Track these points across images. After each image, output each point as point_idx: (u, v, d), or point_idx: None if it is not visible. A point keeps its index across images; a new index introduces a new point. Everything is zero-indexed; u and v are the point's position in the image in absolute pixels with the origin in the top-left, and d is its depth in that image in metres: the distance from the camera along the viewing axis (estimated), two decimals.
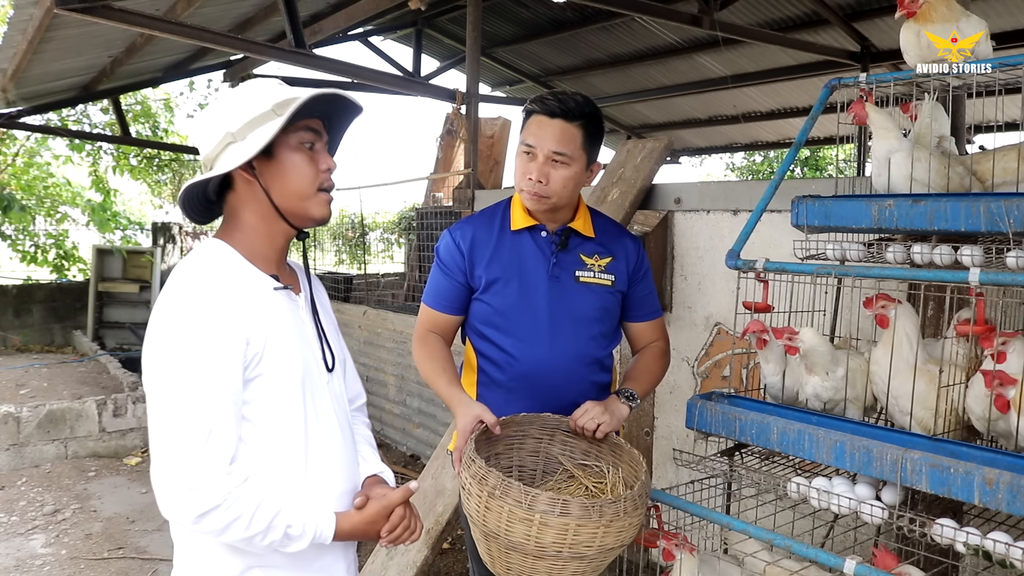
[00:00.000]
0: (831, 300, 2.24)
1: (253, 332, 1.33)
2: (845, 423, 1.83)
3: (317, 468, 1.42)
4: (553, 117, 1.89)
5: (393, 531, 1.46)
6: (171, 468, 1.26)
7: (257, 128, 1.35)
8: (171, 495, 1.27)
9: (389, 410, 5.68)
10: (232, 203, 1.43)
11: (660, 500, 1.90)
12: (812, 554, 1.63)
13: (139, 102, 10.53)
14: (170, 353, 1.29)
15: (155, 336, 1.32)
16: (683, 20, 5.98)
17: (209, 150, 1.39)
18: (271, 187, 1.39)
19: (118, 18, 4.40)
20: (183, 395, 1.27)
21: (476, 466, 1.61)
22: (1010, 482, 1.39)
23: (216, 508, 1.26)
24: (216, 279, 1.35)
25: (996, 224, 1.58)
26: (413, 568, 3.04)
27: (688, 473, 2.02)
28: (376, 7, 5.61)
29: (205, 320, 1.29)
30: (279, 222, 1.42)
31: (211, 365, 1.29)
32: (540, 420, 1.91)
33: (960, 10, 1.87)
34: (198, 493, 1.26)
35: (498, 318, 1.97)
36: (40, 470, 5.04)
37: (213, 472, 1.27)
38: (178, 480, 1.26)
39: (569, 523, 1.51)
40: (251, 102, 1.37)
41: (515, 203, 2.05)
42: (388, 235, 10.86)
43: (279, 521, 1.31)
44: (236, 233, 1.42)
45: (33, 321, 8.96)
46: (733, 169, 14.98)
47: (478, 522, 1.62)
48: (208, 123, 1.39)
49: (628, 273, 2.05)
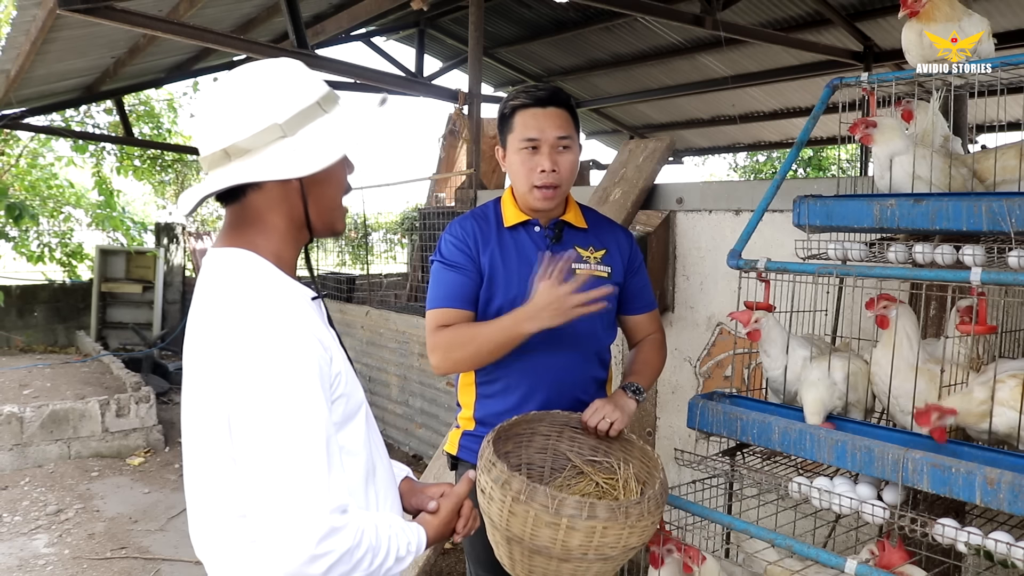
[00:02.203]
0: (833, 300, 2.24)
1: (332, 349, 1.22)
2: (846, 423, 1.83)
3: (381, 483, 1.35)
4: (547, 106, 1.89)
5: (467, 524, 1.43)
6: (296, 519, 1.08)
7: (307, 124, 1.22)
8: (300, 549, 1.08)
9: (391, 410, 5.68)
10: (256, 204, 1.25)
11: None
12: (814, 554, 1.63)
13: (142, 103, 10.55)
14: (273, 384, 1.12)
15: (238, 371, 1.13)
16: (685, 20, 5.98)
17: (247, 138, 1.19)
18: (310, 195, 1.26)
19: (121, 19, 4.41)
20: (296, 431, 1.11)
21: (498, 470, 1.58)
22: (1011, 482, 1.39)
23: (348, 551, 1.11)
24: (282, 294, 1.21)
25: (998, 223, 1.57)
26: (415, 568, 3.05)
27: (690, 473, 2.02)
28: (378, 7, 5.61)
29: (296, 340, 1.15)
30: (303, 231, 1.30)
31: (315, 391, 1.14)
32: (549, 417, 1.90)
33: (962, 9, 1.87)
34: (333, 540, 1.10)
35: (497, 312, 1.95)
36: (43, 470, 5.05)
37: (339, 513, 1.12)
38: (308, 530, 1.08)
39: (596, 526, 1.50)
40: (295, 90, 1.23)
41: (505, 200, 2.04)
42: (391, 235, 10.86)
43: (392, 545, 1.21)
44: (259, 239, 1.26)
45: (36, 321, 8.98)
46: (736, 169, 14.97)
47: (500, 527, 1.59)
48: (243, 106, 1.21)
49: (624, 265, 2.04)
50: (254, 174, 1.19)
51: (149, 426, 5.56)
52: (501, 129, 1.98)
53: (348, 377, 1.26)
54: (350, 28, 7.19)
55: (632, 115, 10.54)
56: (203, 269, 1.28)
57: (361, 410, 1.30)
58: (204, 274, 1.27)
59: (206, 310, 1.21)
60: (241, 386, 1.13)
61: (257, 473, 1.11)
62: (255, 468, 1.12)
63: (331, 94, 1.28)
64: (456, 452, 2.11)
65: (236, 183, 1.20)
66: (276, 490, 1.10)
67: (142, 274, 9.18)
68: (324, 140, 1.22)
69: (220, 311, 1.19)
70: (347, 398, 1.25)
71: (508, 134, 1.95)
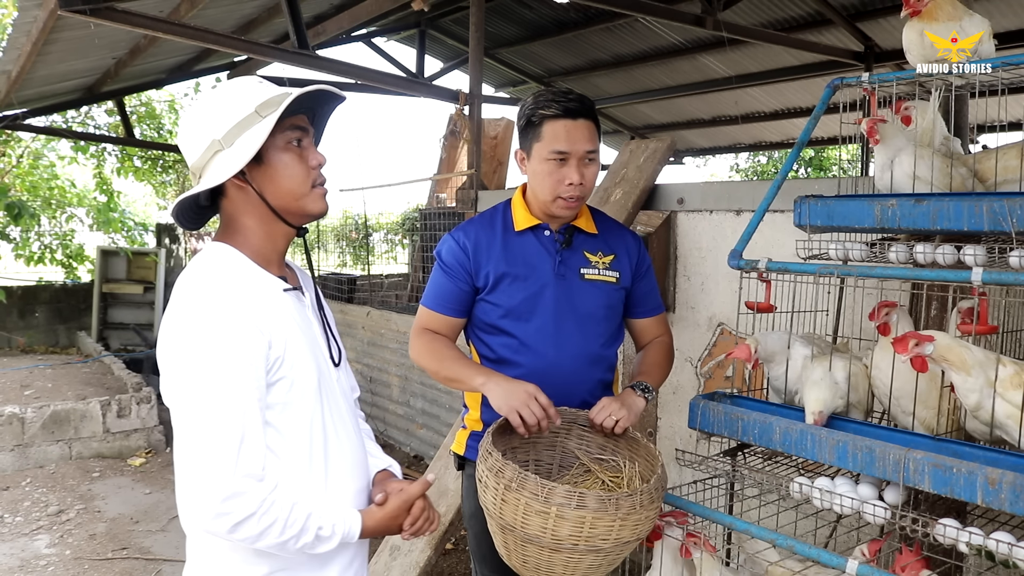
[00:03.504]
0: (834, 300, 2.24)
1: (274, 335, 1.32)
2: (847, 423, 1.83)
3: (336, 467, 1.42)
4: (577, 118, 1.88)
5: (415, 523, 1.48)
6: (205, 478, 1.23)
7: (243, 133, 1.33)
8: (206, 505, 1.23)
9: (392, 411, 5.68)
10: (228, 209, 1.41)
11: (663, 500, 1.90)
12: (815, 554, 1.63)
13: (143, 103, 10.55)
14: (196, 360, 1.26)
15: (176, 344, 1.28)
16: (686, 20, 5.98)
17: (196, 159, 1.36)
18: (265, 190, 1.37)
19: (122, 20, 4.41)
20: (213, 403, 1.24)
21: (493, 459, 1.61)
22: (1013, 482, 1.39)
23: (253, 515, 1.25)
24: (233, 282, 1.33)
25: (999, 223, 1.57)
26: (416, 568, 3.05)
27: (691, 473, 2.02)
28: (379, 8, 5.61)
29: (229, 323, 1.27)
30: (278, 223, 1.41)
31: (239, 369, 1.26)
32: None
33: (963, 9, 1.87)
34: (235, 502, 1.23)
35: (505, 318, 1.97)
36: (44, 471, 5.05)
37: (248, 480, 1.25)
38: (214, 490, 1.22)
39: (586, 516, 1.51)
40: (233, 105, 1.35)
41: (516, 204, 2.05)
42: (392, 236, 10.86)
43: (311, 523, 1.31)
44: (237, 236, 1.40)
45: (38, 322, 8.99)
46: (737, 170, 14.96)
47: (495, 515, 1.62)
48: (192, 131, 1.37)
49: (632, 270, 2.05)
50: (195, 188, 1.35)
51: (150, 427, 5.56)
52: (526, 134, 1.95)
53: (297, 363, 1.35)
54: (351, 29, 7.19)
55: (633, 115, 10.53)
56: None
57: (309, 395, 1.38)
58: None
59: (172, 297, 1.36)
60: (170, 362, 1.28)
61: (177, 437, 1.27)
62: (176, 433, 1.28)
63: (274, 99, 1.35)
64: (463, 452, 2.12)
65: (189, 195, 1.37)
66: (190, 453, 1.24)
67: (143, 275, 9.18)
68: (250, 140, 1.33)
69: (173, 298, 1.33)
70: (290, 382, 1.34)
71: (535, 142, 1.92)
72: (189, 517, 1.25)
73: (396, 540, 3.19)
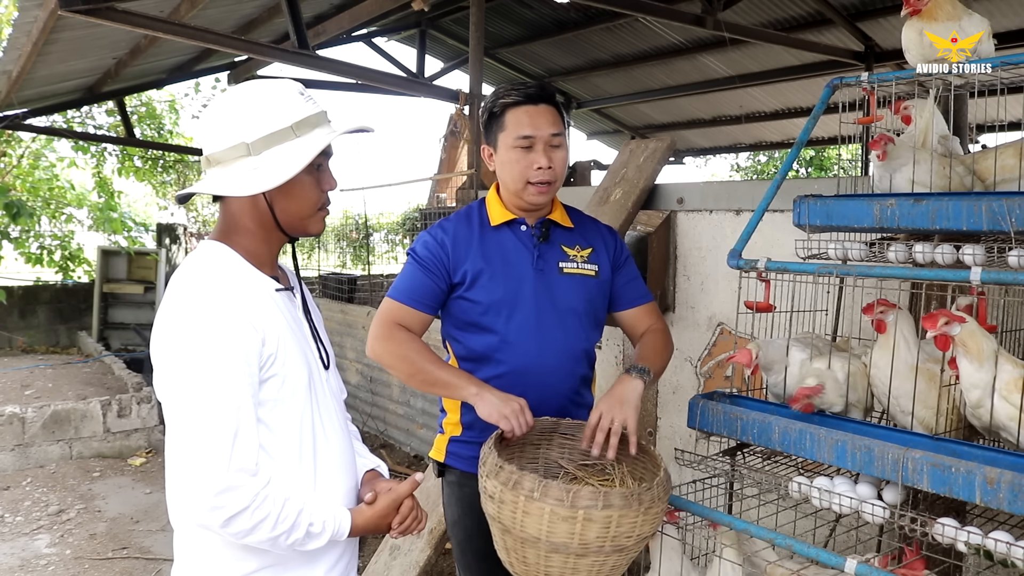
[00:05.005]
0: (833, 300, 2.24)
1: (267, 331, 1.34)
2: (847, 423, 1.83)
3: (325, 466, 1.44)
4: (539, 103, 1.90)
5: (403, 523, 1.48)
6: (198, 472, 1.24)
7: (274, 146, 1.33)
8: (200, 499, 1.24)
9: (393, 411, 5.68)
10: (232, 209, 1.42)
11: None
12: (814, 554, 1.63)
13: (144, 103, 10.55)
14: (190, 354, 1.27)
15: (170, 338, 1.29)
16: (687, 20, 5.98)
17: (217, 152, 1.35)
18: (275, 203, 1.39)
19: (122, 20, 4.42)
20: (207, 396, 1.26)
21: (506, 472, 1.54)
22: (1011, 481, 1.39)
23: (246, 509, 1.26)
24: (227, 279, 1.35)
25: (998, 223, 1.57)
26: (416, 568, 3.05)
27: (690, 473, 2.02)
28: (379, 8, 5.61)
29: (224, 318, 1.29)
30: (277, 232, 1.43)
31: (234, 364, 1.27)
32: (538, 424, 1.85)
33: (963, 9, 1.87)
34: (228, 496, 1.24)
35: (483, 314, 1.94)
36: (45, 470, 5.06)
37: (241, 474, 1.26)
38: (207, 484, 1.24)
39: (612, 515, 1.48)
40: (270, 113, 1.34)
41: (490, 200, 2.04)
42: (392, 236, 10.86)
43: (303, 519, 1.32)
44: (235, 236, 1.42)
45: (38, 322, 9.00)
46: (738, 170, 14.95)
47: (514, 530, 1.55)
48: (220, 124, 1.36)
49: (610, 261, 2.04)
50: (215, 187, 1.34)
51: (151, 426, 5.57)
52: (490, 128, 1.96)
53: (288, 361, 1.36)
54: (351, 29, 7.19)
55: (633, 115, 10.53)
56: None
57: (299, 393, 1.39)
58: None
59: (166, 293, 1.37)
60: (164, 356, 1.29)
61: (169, 431, 1.28)
62: (169, 429, 1.29)
63: (311, 118, 1.36)
64: (443, 459, 2.06)
65: (203, 192, 1.37)
66: (183, 446, 1.25)
67: (143, 275, 9.18)
68: (282, 163, 1.32)
69: (167, 294, 1.34)
70: (282, 379, 1.35)
71: (500, 132, 1.93)
72: (182, 511, 1.27)
73: (396, 540, 3.19)
